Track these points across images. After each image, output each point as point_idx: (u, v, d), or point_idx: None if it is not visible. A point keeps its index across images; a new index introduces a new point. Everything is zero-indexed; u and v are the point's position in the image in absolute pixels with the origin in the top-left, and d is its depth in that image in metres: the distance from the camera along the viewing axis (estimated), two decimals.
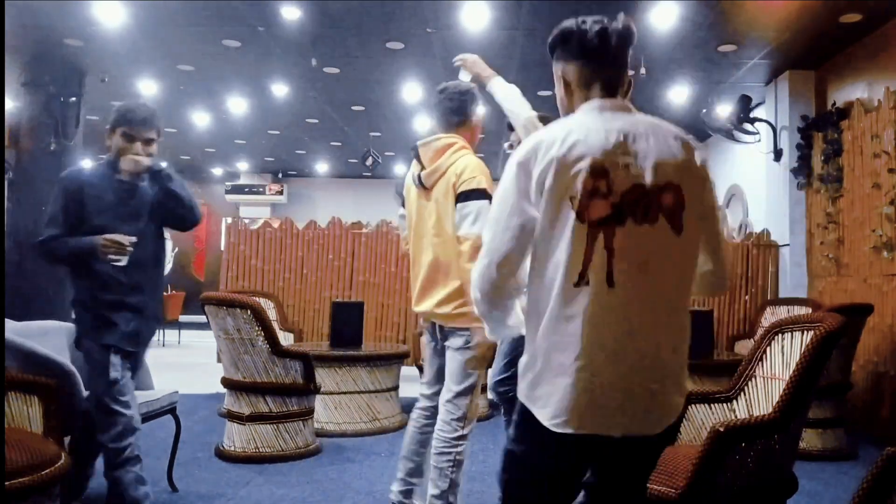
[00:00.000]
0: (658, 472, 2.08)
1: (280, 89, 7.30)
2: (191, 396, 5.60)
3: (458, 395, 2.60)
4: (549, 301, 1.42)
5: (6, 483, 1.97)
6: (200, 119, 8.82)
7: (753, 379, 2.46)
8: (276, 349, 3.92)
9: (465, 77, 2.80)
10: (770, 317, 5.81)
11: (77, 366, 2.83)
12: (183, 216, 2.81)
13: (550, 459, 1.49)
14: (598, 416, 1.40)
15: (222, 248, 7.97)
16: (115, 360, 2.62)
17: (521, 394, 1.49)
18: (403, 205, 3.07)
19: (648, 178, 1.40)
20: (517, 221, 1.45)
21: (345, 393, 4.63)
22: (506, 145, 3.49)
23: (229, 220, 7.50)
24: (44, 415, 2.40)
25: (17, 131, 6.67)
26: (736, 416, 2.45)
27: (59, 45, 6.17)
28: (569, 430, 1.39)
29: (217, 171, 13.42)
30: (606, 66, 1.52)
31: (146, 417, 3.11)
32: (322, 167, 12.71)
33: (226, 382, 4.05)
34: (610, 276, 1.38)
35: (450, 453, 2.57)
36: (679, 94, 7.01)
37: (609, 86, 1.52)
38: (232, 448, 3.96)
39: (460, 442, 2.59)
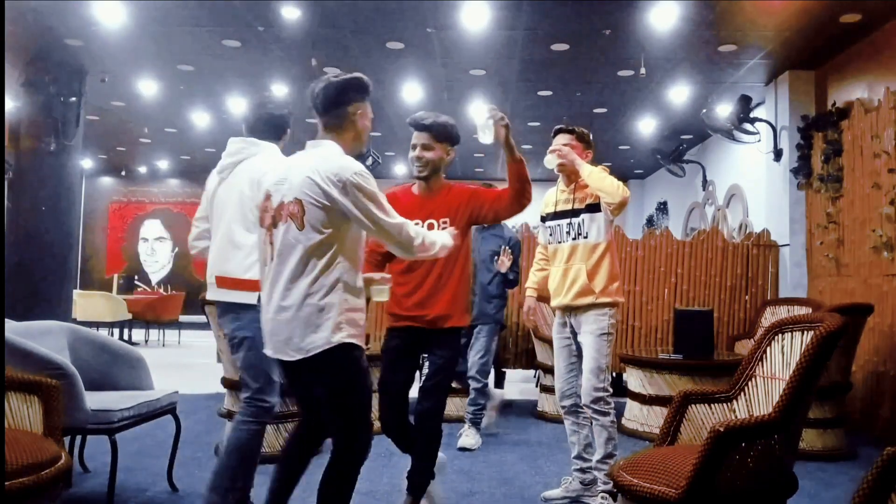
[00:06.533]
0: (658, 471, 2.08)
1: (280, 89, 7.30)
2: (191, 396, 5.61)
3: None
4: None
5: (6, 483, 1.97)
6: (200, 119, 8.81)
7: (753, 379, 2.46)
8: None
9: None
10: (770, 317, 5.80)
11: (77, 366, 2.83)
12: None
13: None
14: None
15: None
16: None
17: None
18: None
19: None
20: None
21: None
22: None
23: None
24: (44, 415, 2.40)
25: (17, 131, 6.67)
26: (736, 416, 2.44)
27: (59, 45, 6.17)
28: None
29: None
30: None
31: (146, 417, 3.12)
32: None
33: (226, 382, 4.04)
34: None
35: None
36: (679, 93, 7.00)
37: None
38: None
39: None
